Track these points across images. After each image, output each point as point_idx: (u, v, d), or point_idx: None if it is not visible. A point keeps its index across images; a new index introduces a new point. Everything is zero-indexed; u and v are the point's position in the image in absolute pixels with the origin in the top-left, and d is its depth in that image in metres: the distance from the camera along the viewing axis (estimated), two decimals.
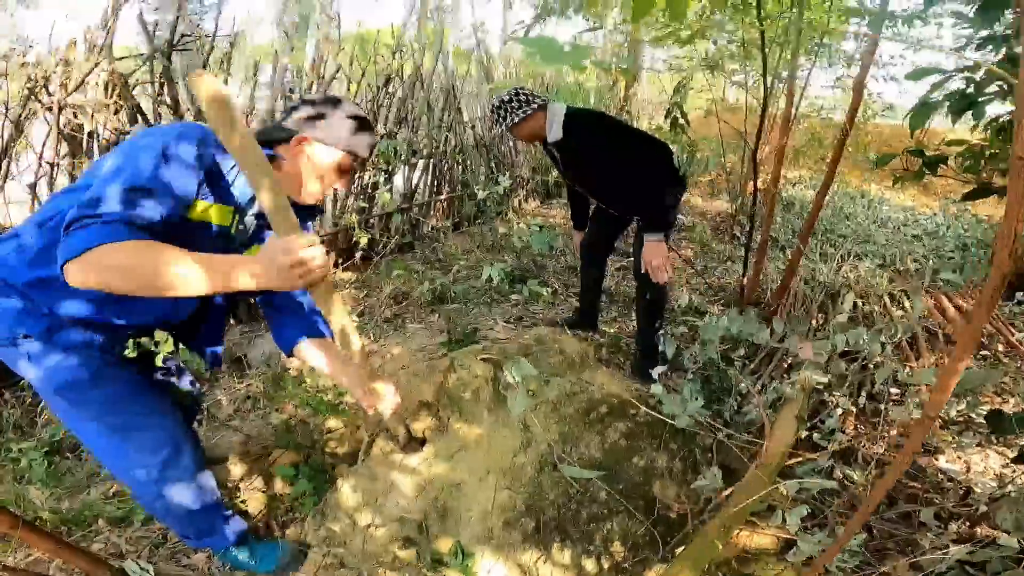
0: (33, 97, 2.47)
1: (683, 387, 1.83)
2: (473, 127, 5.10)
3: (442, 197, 4.77)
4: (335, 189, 1.36)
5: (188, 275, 0.98)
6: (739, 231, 5.00)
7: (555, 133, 2.35)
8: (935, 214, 4.98)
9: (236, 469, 1.98)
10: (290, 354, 1.50)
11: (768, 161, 5.99)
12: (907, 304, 3.27)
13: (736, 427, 2.01)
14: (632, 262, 2.88)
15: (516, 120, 2.36)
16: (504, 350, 2.08)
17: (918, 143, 2.07)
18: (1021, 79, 0.60)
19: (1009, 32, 1.67)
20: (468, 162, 4.98)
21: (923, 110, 1.44)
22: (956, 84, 1.79)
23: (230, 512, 1.54)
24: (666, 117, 2.92)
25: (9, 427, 2.26)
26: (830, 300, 3.18)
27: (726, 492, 1.33)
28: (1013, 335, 3.08)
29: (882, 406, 2.43)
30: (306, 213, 1.40)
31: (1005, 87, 1.58)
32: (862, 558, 1.35)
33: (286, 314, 1.48)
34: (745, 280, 2.90)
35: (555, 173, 5.77)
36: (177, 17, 2.69)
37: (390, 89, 4.01)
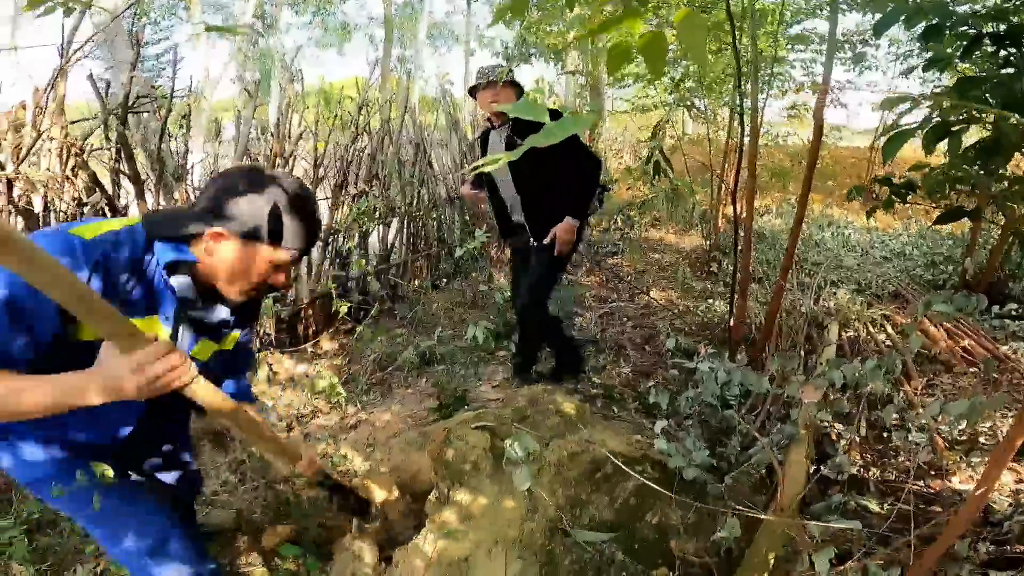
0: None
1: (685, 438, 1.79)
2: (444, 180, 5.16)
3: (419, 256, 4.76)
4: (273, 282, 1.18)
5: (28, 401, 0.94)
6: (716, 267, 5.08)
7: None
8: (900, 234, 5.14)
9: (229, 547, 1.87)
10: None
11: (737, 196, 6.18)
12: (889, 329, 3.32)
13: (741, 469, 1.96)
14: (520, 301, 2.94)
15: (504, 79, 2.57)
16: (499, 416, 2.02)
17: (882, 171, 2.15)
18: None
19: (952, 53, 1.77)
20: (442, 217, 5.00)
21: (897, 139, 1.49)
22: (922, 112, 1.89)
23: None
24: (648, 161, 2.99)
25: None
26: (815, 330, 3.21)
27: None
28: (998, 349, 3.14)
29: (886, 432, 2.42)
30: (243, 311, 1.31)
31: (976, 114, 1.67)
32: None
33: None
34: (732, 321, 2.91)
35: None
36: (131, 77, 2.60)
37: (358, 145, 4.02)
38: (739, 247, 2.81)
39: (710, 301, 4.34)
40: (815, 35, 5.67)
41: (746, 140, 2.87)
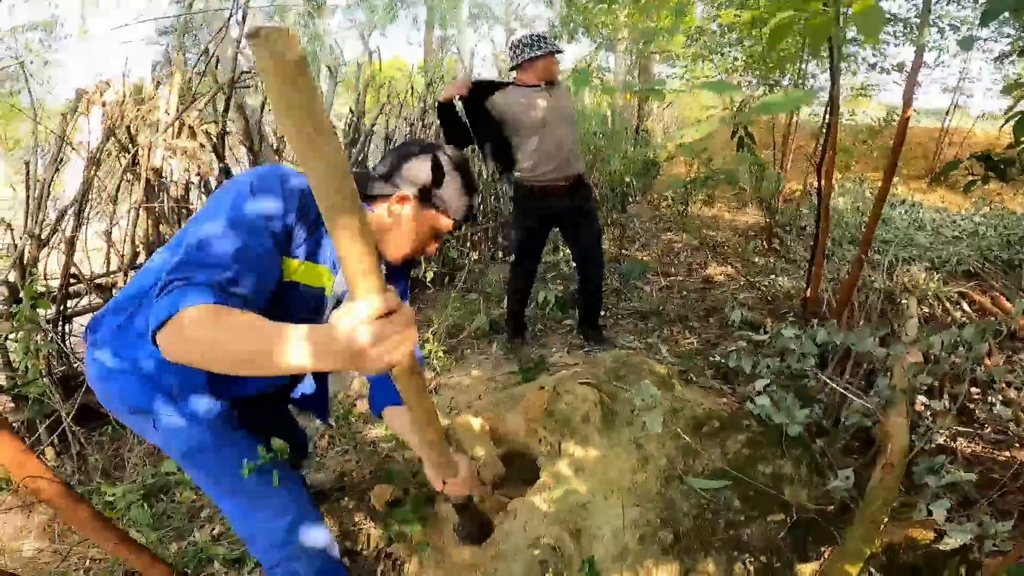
0: (113, 138, 2.47)
1: (783, 399, 1.86)
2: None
3: (478, 229, 4.86)
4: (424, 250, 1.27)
5: (272, 353, 0.76)
6: (778, 243, 5.05)
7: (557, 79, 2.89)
8: (973, 215, 5.02)
9: (336, 508, 1.97)
10: (379, 416, 1.45)
11: (793, 169, 6.07)
12: (965, 305, 3.29)
13: (835, 434, 2.02)
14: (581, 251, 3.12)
15: (555, 49, 2.79)
16: (594, 375, 2.10)
17: (952, 152, 2.13)
18: None
19: None
20: (500, 190, 5.08)
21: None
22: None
23: None
24: (733, 135, 3.01)
25: (97, 472, 2.28)
26: (889, 305, 3.21)
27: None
28: None
29: (968, 404, 2.44)
30: (399, 272, 1.36)
31: None
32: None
33: (379, 376, 1.42)
34: (808, 292, 2.94)
35: None
36: (237, 53, 2.74)
37: (426, 121, 4.13)
38: (819, 220, 2.82)
39: (772, 276, 4.34)
40: (893, 14, 5.53)
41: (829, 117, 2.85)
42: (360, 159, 3.70)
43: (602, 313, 3.79)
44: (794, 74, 5.02)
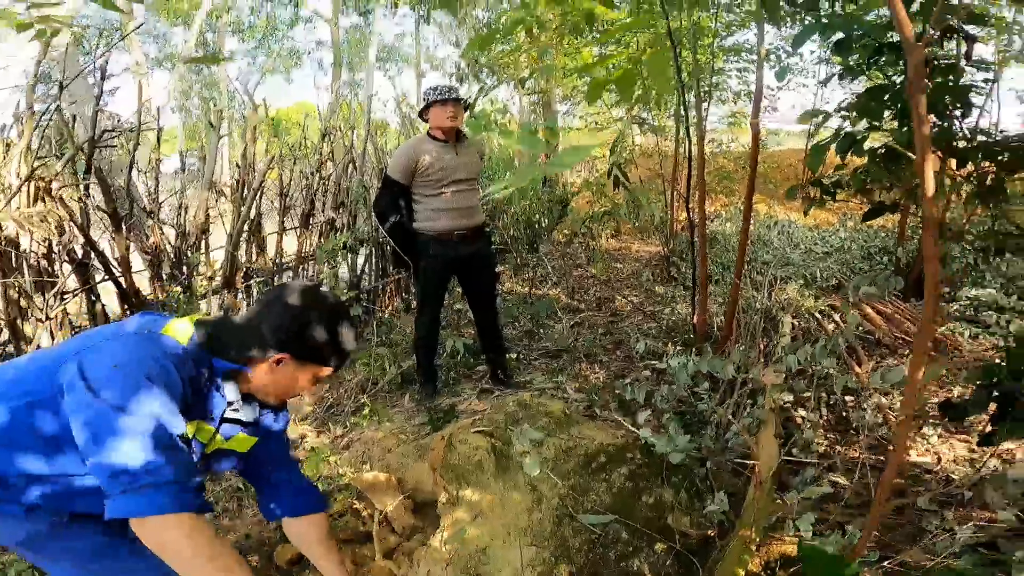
0: None
1: (668, 426, 1.96)
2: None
3: (389, 281, 4.83)
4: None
5: None
6: (675, 272, 5.35)
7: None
8: (838, 230, 5.56)
9: None
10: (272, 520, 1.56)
11: (695, 197, 6.49)
12: (837, 318, 3.61)
13: (719, 454, 2.14)
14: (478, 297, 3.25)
15: (457, 97, 2.88)
16: (493, 421, 2.14)
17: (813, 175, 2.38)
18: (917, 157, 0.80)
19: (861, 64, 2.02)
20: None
21: (816, 152, 1.71)
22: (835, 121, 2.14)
23: None
24: (608, 176, 3.21)
25: None
26: (770, 324, 3.46)
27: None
28: (938, 330, 3.46)
29: (844, 413, 2.65)
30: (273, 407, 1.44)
31: (875, 124, 1.92)
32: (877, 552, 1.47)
33: (273, 488, 1.49)
34: (696, 319, 3.13)
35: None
36: (97, 111, 2.61)
37: (323, 173, 4.08)
38: (694, 250, 3.04)
39: (674, 304, 4.58)
40: (747, 46, 6.14)
41: (694, 149, 3.11)
42: (253, 220, 3.61)
43: (513, 355, 3.86)
44: (675, 109, 5.42)
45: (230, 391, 1.26)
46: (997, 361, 1.37)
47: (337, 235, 3.75)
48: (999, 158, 1.78)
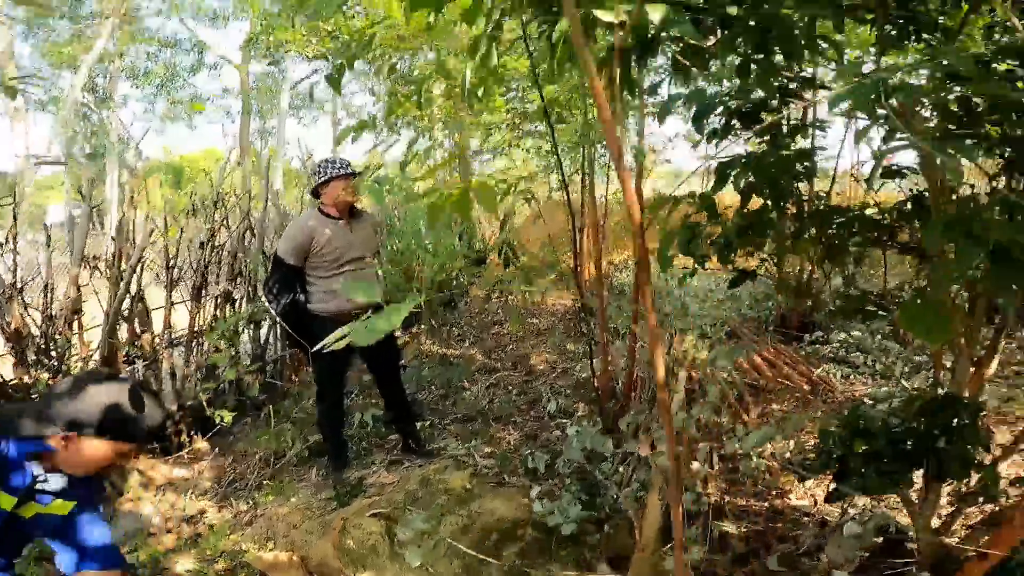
0: None
1: (562, 497, 2.01)
2: None
3: (296, 351, 4.68)
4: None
5: None
6: (585, 327, 5.53)
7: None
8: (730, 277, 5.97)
9: None
10: None
11: (592, 255, 6.79)
12: (730, 366, 3.86)
13: (615, 517, 2.20)
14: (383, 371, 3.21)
15: (338, 173, 2.82)
16: (391, 501, 2.11)
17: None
18: None
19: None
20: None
21: (668, 241, 1.84)
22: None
23: None
24: (499, 254, 3.32)
25: None
26: (671, 377, 3.64)
27: None
28: (813, 373, 3.77)
29: (733, 463, 2.81)
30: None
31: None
32: None
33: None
34: (596, 382, 3.25)
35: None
36: None
37: (217, 242, 3.88)
38: (584, 312, 3.19)
39: (584, 360, 4.72)
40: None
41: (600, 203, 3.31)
42: (135, 294, 3.40)
43: (426, 423, 3.82)
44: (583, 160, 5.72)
45: (35, 467, 1.34)
46: (833, 427, 1.52)
47: (235, 308, 3.62)
48: (837, 223, 2.02)
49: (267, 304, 2.88)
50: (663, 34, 0.94)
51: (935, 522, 1.74)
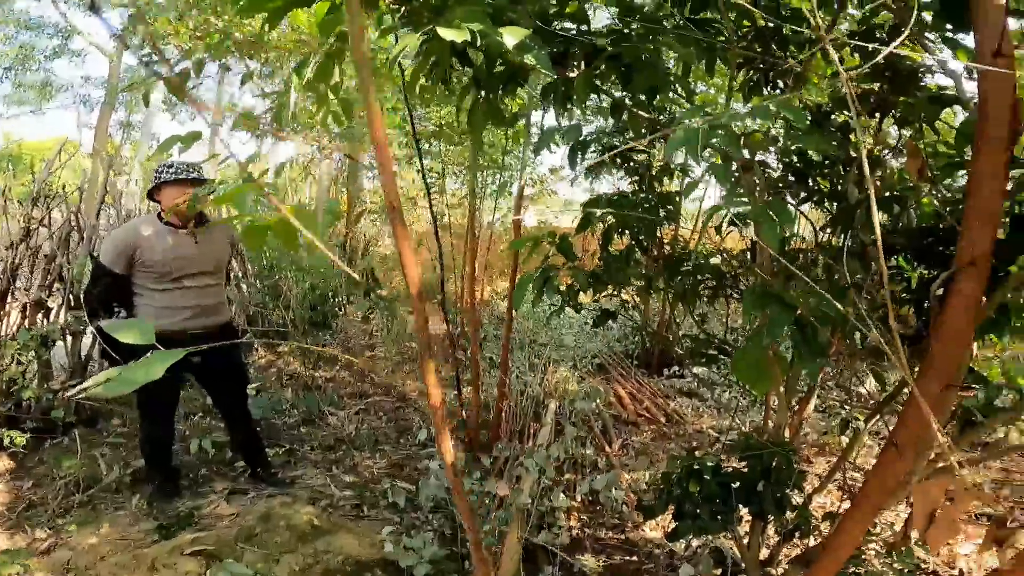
0: None
1: (417, 536, 1.91)
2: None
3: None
4: None
5: None
6: (461, 354, 5.48)
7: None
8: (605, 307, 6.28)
9: None
10: None
11: (489, 271, 6.82)
12: (597, 400, 4.00)
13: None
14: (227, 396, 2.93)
15: (184, 177, 2.53)
16: (221, 538, 1.88)
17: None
18: None
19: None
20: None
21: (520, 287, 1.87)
22: None
23: None
24: (364, 277, 3.18)
25: None
26: (542, 408, 3.70)
27: None
28: (669, 405, 4.01)
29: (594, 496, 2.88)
30: None
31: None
32: None
33: None
34: (464, 413, 3.22)
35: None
36: None
37: (32, 243, 3.34)
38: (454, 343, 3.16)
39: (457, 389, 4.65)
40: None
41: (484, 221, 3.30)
42: None
43: (283, 448, 3.53)
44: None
45: None
46: (675, 472, 1.59)
47: (49, 317, 3.12)
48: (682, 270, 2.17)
49: (85, 314, 2.48)
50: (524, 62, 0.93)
51: (765, 554, 1.89)
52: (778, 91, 1.44)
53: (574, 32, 1.08)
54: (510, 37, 0.83)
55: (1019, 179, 1.10)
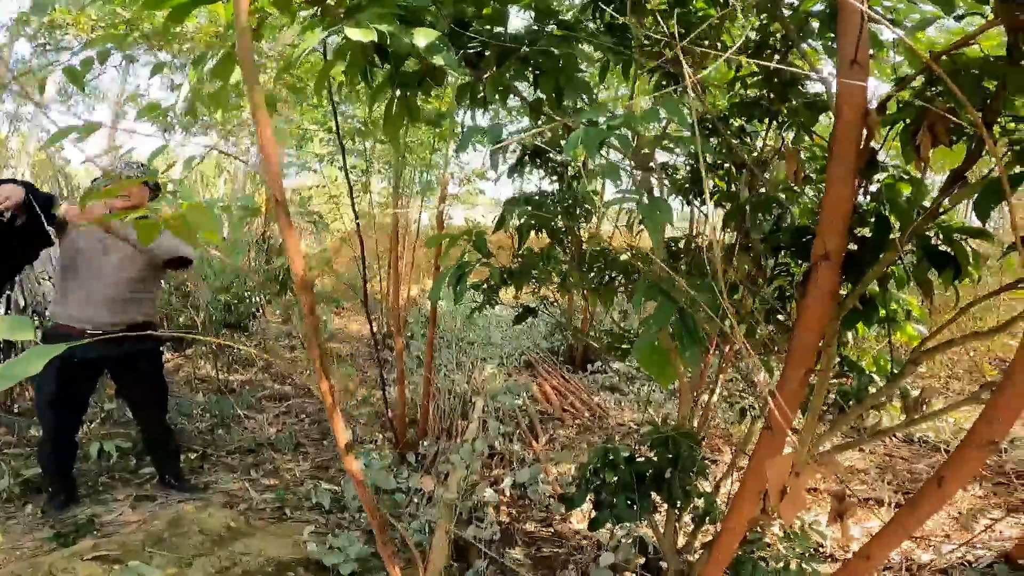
0: None
1: (340, 535, 1.89)
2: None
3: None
4: None
5: None
6: (388, 354, 5.43)
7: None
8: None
9: None
10: None
11: (408, 276, 6.74)
12: (524, 396, 4.09)
13: (408, 552, 2.14)
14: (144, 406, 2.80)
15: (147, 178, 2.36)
16: (127, 544, 1.78)
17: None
18: None
19: None
20: None
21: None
22: None
23: None
24: (275, 280, 3.10)
25: None
26: (470, 406, 3.73)
27: None
28: (592, 400, 4.16)
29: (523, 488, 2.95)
30: None
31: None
32: None
33: None
34: (390, 412, 3.20)
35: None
36: None
37: None
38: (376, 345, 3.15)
39: (388, 388, 4.61)
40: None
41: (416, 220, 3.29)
42: None
43: (196, 454, 3.36)
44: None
45: None
46: (591, 462, 1.67)
47: None
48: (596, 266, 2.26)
49: None
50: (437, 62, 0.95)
51: (683, 541, 1.99)
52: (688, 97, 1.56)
53: (493, 35, 1.12)
54: (421, 38, 0.86)
55: (884, 182, 1.26)
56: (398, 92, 1.13)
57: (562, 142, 1.52)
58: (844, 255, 0.95)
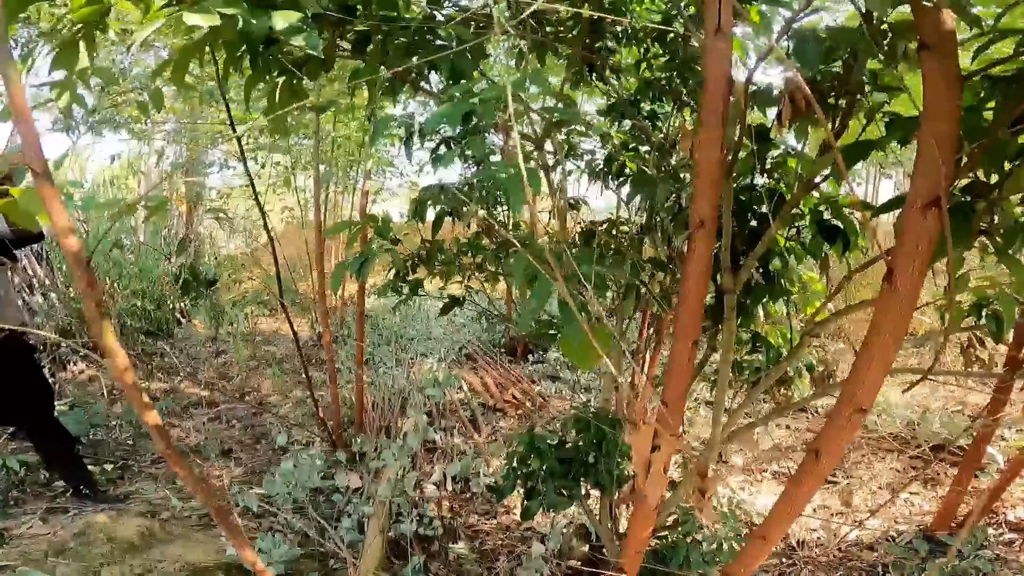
0: None
1: (267, 538, 1.82)
2: None
3: None
4: None
5: None
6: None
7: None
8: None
9: None
10: None
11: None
12: (465, 389, 4.07)
13: (343, 551, 2.09)
14: None
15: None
16: (28, 554, 1.66)
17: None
18: None
19: None
20: None
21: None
22: None
23: None
24: (176, 282, 2.95)
25: None
26: (408, 403, 3.68)
27: None
28: (534, 389, 4.19)
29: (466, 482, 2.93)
30: None
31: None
32: None
33: None
34: (321, 412, 3.12)
35: None
36: None
37: None
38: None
39: (322, 390, 4.49)
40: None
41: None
42: None
43: (114, 464, 3.18)
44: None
45: None
46: (519, 449, 1.67)
47: None
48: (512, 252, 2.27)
49: None
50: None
51: (624, 526, 2.00)
52: (604, 83, 1.59)
53: (384, 19, 1.09)
54: (280, 20, 0.84)
55: (776, 159, 1.33)
56: (281, 79, 1.09)
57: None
58: (732, 227, 0.99)
